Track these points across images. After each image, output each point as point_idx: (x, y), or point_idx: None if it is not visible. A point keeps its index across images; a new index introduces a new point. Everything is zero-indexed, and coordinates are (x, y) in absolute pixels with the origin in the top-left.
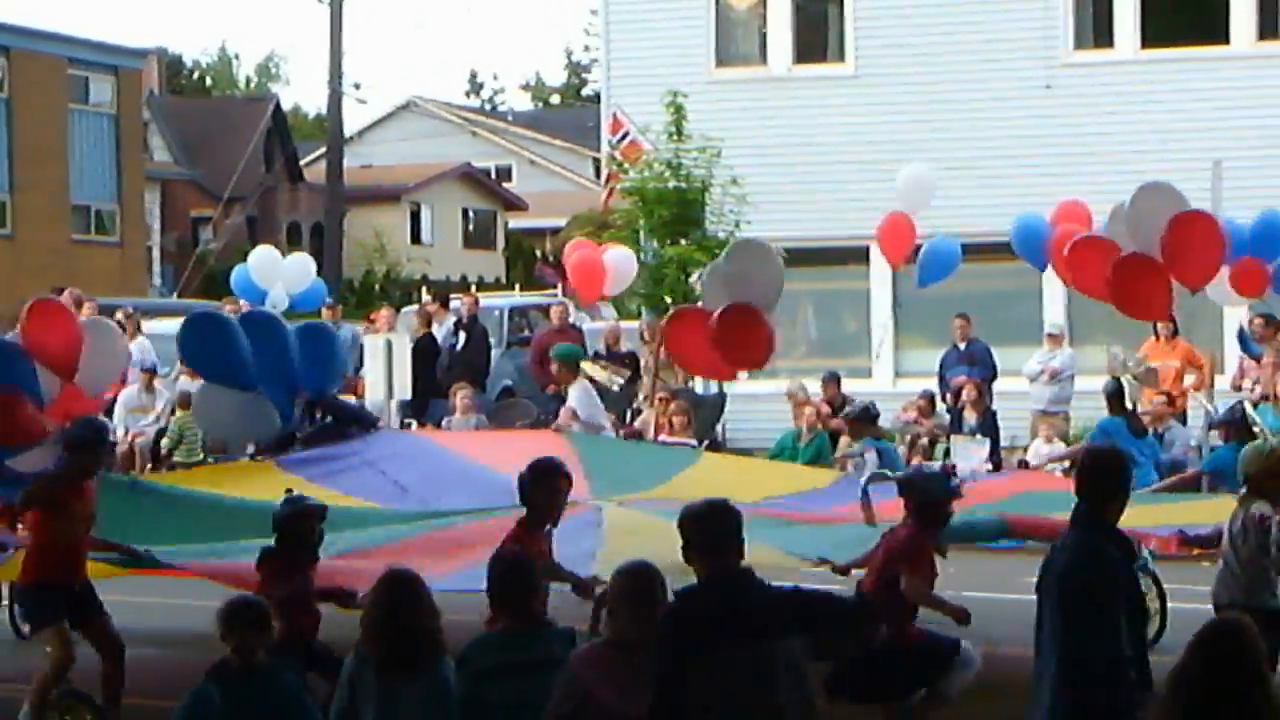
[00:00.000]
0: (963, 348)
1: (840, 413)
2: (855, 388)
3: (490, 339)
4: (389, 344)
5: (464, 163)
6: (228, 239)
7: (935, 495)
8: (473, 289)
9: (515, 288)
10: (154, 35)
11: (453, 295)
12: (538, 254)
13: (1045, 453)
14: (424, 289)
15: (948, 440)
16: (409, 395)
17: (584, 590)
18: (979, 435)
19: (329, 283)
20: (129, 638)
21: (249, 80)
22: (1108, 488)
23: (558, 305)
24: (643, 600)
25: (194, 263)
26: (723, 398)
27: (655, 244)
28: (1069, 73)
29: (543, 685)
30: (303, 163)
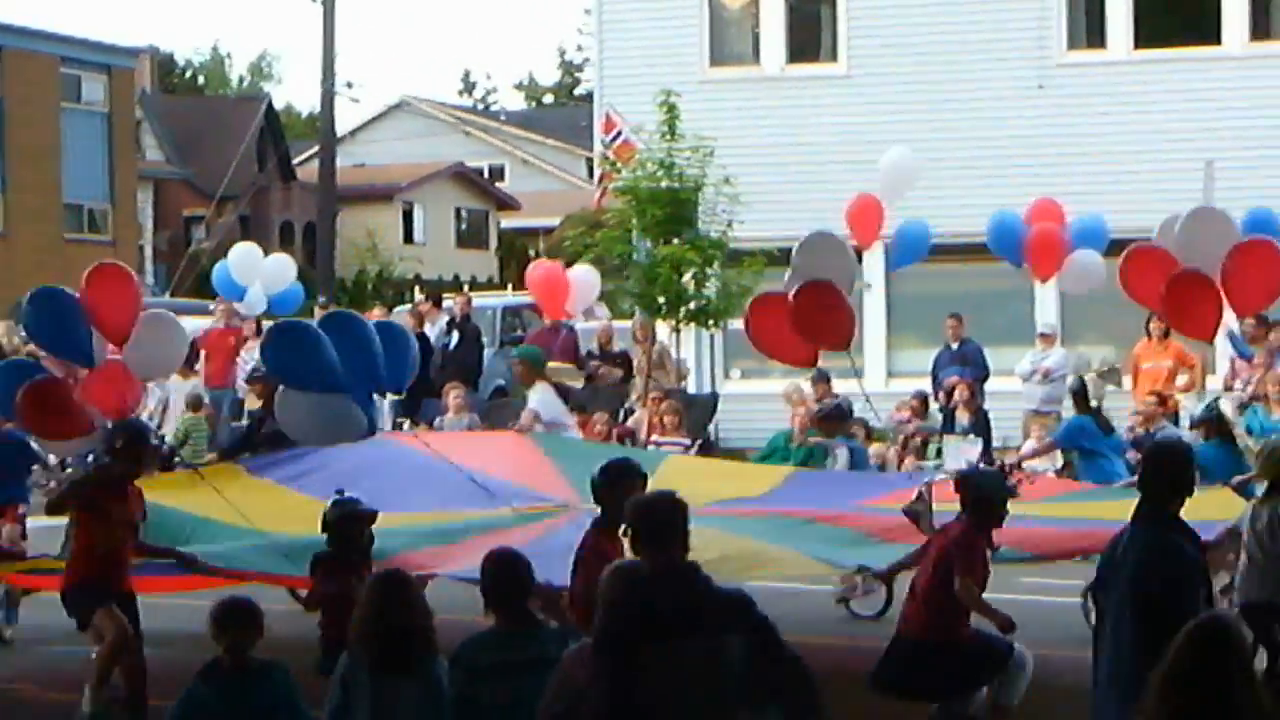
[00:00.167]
0: (955, 348)
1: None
2: (852, 388)
3: (483, 338)
4: None
5: (457, 162)
6: (220, 238)
7: (991, 493)
8: (465, 288)
9: (508, 287)
10: (146, 34)
11: (445, 295)
12: (531, 253)
13: (1028, 449)
14: (416, 288)
15: (940, 440)
16: (401, 394)
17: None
18: (972, 435)
19: (320, 282)
20: None
21: (241, 79)
22: (1179, 480)
23: None
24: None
25: (186, 262)
26: (715, 398)
27: (648, 243)
28: (1062, 73)
29: (536, 685)
30: (295, 162)
